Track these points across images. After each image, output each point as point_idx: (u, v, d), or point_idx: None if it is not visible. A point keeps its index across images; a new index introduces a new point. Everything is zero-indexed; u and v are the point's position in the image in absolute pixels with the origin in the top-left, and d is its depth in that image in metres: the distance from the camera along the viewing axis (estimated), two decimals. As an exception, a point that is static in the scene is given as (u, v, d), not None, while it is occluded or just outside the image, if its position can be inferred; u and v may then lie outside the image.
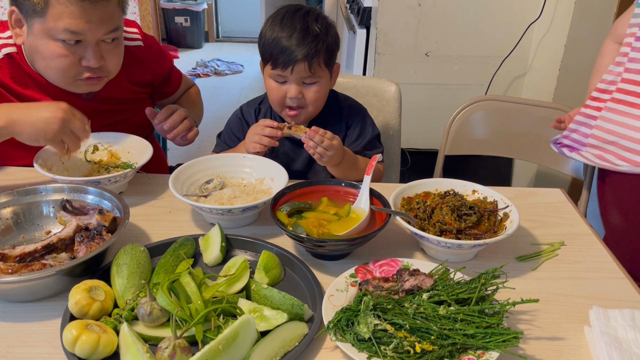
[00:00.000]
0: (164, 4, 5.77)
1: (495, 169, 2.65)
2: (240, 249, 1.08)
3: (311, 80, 1.30)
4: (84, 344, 0.78)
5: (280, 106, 1.35)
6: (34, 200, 1.11)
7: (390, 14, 2.38)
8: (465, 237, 1.06)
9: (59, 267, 0.90)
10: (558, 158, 1.74)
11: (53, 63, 1.22)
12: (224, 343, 0.78)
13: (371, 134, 1.44)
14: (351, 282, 0.96)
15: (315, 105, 1.35)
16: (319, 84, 1.32)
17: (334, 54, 1.34)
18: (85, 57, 1.23)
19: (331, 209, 1.13)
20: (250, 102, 1.51)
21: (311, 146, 1.25)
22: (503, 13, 2.40)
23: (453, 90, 2.55)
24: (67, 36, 1.18)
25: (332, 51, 1.33)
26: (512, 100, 1.80)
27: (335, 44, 1.33)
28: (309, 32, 1.27)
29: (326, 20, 1.33)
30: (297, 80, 1.30)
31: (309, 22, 1.28)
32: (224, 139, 1.50)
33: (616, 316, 0.91)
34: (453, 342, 0.81)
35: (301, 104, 1.33)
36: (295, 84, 1.30)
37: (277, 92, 1.32)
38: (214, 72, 5.27)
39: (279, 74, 1.29)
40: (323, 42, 1.28)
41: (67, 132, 1.13)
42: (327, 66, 1.32)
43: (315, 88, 1.32)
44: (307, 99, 1.32)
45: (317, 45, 1.27)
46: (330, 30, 1.32)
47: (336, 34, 1.34)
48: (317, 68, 1.29)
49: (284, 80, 1.31)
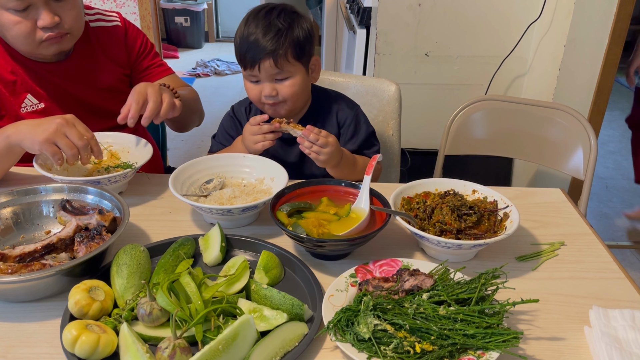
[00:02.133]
0: (164, 4, 5.77)
1: (495, 169, 2.65)
2: (240, 249, 1.08)
3: (282, 75, 1.30)
4: (83, 344, 0.78)
5: (260, 104, 1.36)
6: (33, 200, 1.11)
7: (390, 14, 2.38)
8: (465, 237, 1.06)
9: (59, 267, 0.90)
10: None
11: (12, 32, 1.27)
12: (224, 343, 0.78)
13: (366, 132, 1.44)
14: (351, 282, 0.96)
15: (293, 100, 1.34)
16: (292, 78, 1.31)
17: (305, 47, 1.32)
18: (39, 18, 1.26)
19: (331, 209, 1.13)
20: (241, 101, 1.51)
21: (306, 146, 1.25)
22: (503, 13, 2.40)
23: (453, 90, 2.55)
24: (14, 4, 1.22)
25: (302, 44, 1.31)
26: (512, 100, 1.80)
27: (305, 37, 1.31)
28: (270, 29, 1.27)
29: (292, 15, 1.32)
30: (268, 77, 1.30)
31: (271, 18, 1.28)
32: (219, 139, 1.50)
33: (616, 316, 0.91)
34: (453, 342, 0.81)
35: (277, 101, 1.33)
36: (267, 81, 1.30)
37: (253, 92, 1.33)
38: (214, 72, 5.27)
39: (250, 73, 1.30)
40: (286, 36, 1.28)
41: (60, 136, 1.13)
42: (298, 60, 1.31)
43: (288, 83, 1.31)
44: (282, 94, 1.31)
45: (279, 40, 1.26)
46: (295, 24, 1.30)
47: (307, 27, 1.33)
48: (284, 63, 1.28)
49: (257, 80, 1.32)
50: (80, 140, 1.14)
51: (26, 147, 1.16)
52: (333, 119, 1.44)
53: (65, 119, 1.15)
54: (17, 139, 1.16)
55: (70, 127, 1.14)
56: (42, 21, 1.26)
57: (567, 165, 1.74)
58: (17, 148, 1.18)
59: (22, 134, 1.15)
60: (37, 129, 1.13)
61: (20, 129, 1.16)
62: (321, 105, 1.44)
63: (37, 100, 1.40)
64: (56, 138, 1.12)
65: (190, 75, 5.17)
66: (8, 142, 1.17)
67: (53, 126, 1.12)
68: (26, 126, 1.16)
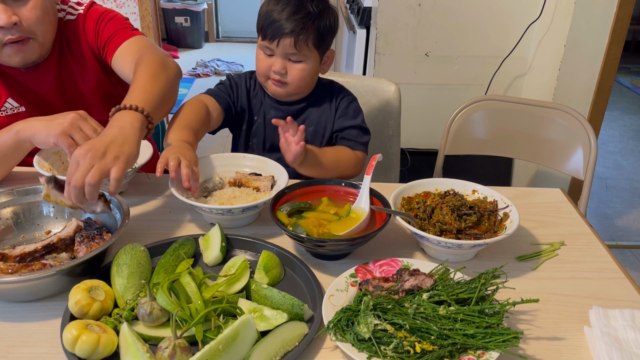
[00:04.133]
0: (164, 4, 5.77)
1: (495, 169, 2.65)
2: (240, 249, 1.08)
3: (297, 57, 1.32)
4: (84, 344, 0.78)
5: (265, 77, 1.37)
6: (34, 200, 1.12)
7: (390, 14, 2.38)
8: (465, 237, 1.06)
9: (59, 267, 0.90)
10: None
11: None
12: (224, 343, 0.78)
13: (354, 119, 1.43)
14: (351, 282, 0.96)
15: (298, 85, 1.36)
16: (305, 63, 1.33)
17: (327, 37, 1.35)
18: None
19: (331, 209, 1.13)
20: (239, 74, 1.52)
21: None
22: (503, 13, 2.40)
23: (453, 90, 2.55)
24: None
25: (324, 34, 1.33)
26: (512, 100, 1.80)
27: (329, 27, 1.34)
28: (301, 9, 1.29)
29: (325, 2, 1.34)
30: (283, 54, 1.32)
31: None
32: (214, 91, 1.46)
33: (616, 316, 0.91)
34: (453, 342, 0.81)
35: (284, 80, 1.35)
36: (281, 58, 1.32)
37: (263, 63, 1.35)
38: (214, 72, 5.27)
39: (266, 45, 1.32)
40: (314, 22, 1.30)
41: (75, 129, 1.14)
42: (316, 47, 1.33)
43: (300, 66, 1.33)
44: (291, 76, 1.34)
45: (305, 23, 1.28)
46: (325, 13, 1.32)
47: (334, 18, 1.35)
48: (303, 46, 1.30)
49: (271, 54, 1.33)
50: (95, 133, 1.14)
51: (38, 141, 1.15)
52: (329, 105, 1.45)
53: (79, 113, 1.16)
54: (27, 134, 1.16)
55: (84, 121, 1.15)
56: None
57: (567, 165, 1.74)
58: (27, 144, 1.18)
59: (35, 129, 1.15)
60: (51, 123, 1.14)
61: (33, 125, 1.16)
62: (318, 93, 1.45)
63: (17, 103, 1.40)
64: (72, 131, 1.13)
65: (190, 75, 5.17)
66: (17, 138, 1.17)
67: (68, 120, 1.14)
68: (39, 122, 1.16)
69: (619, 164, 3.80)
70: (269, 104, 1.46)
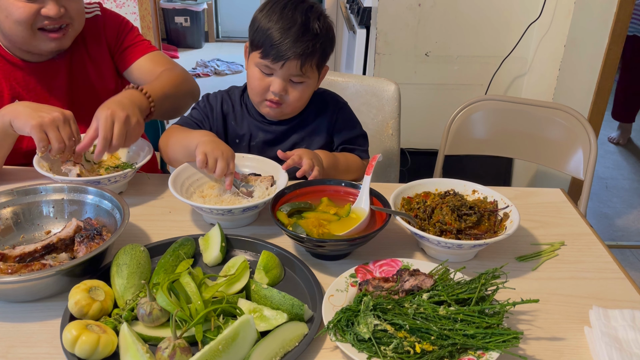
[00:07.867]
0: (164, 4, 5.77)
1: (495, 169, 2.65)
2: (240, 249, 1.08)
3: (299, 79, 1.25)
4: (83, 344, 0.78)
5: (260, 97, 1.29)
6: (33, 200, 1.11)
7: (390, 14, 2.38)
8: (465, 237, 1.06)
9: (59, 267, 0.90)
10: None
11: (14, 16, 1.27)
12: (224, 343, 0.78)
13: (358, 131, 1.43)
14: (351, 282, 0.96)
15: (295, 106, 1.30)
16: (306, 84, 1.27)
17: (328, 56, 1.30)
18: (45, 7, 1.28)
19: (331, 209, 1.13)
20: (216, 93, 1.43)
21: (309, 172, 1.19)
22: (503, 13, 2.40)
23: (453, 90, 2.55)
24: None
25: (327, 54, 1.29)
26: (512, 100, 1.80)
27: (331, 46, 1.29)
28: (308, 30, 1.21)
29: (327, 20, 1.28)
30: (285, 76, 1.24)
31: (310, 18, 1.22)
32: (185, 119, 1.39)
33: (616, 316, 0.91)
34: (453, 343, 0.81)
35: (283, 100, 1.27)
36: (282, 79, 1.24)
37: (260, 83, 1.26)
38: (213, 72, 5.27)
39: (267, 65, 1.23)
40: (321, 44, 1.24)
41: (53, 127, 1.15)
42: (318, 67, 1.29)
43: (301, 88, 1.27)
44: (290, 97, 1.27)
45: (314, 46, 1.22)
46: (329, 32, 1.27)
47: (334, 36, 1.30)
48: (308, 68, 1.24)
49: (270, 73, 1.25)
50: (69, 140, 1.17)
51: (16, 125, 1.16)
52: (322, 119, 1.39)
53: (64, 114, 1.17)
54: (10, 118, 1.17)
55: (64, 124, 1.17)
56: (47, 10, 1.27)
57: (567, 165, 1.74)
58: (11, 129, 1.18)
59: (17, 113, 1.16)
60: (33, 113, 1.15)
61: (17, 109, 1.17)
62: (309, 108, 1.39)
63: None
64: (48, 128, 1.14)
65: (190, 75, 5.17)
66: (2, 122, 1.18)
67: (50, 116, 1.14)
68: (24, 107, 1.17)
69: (619, 164, 3.81)
70: (255, 125, 1.38)
